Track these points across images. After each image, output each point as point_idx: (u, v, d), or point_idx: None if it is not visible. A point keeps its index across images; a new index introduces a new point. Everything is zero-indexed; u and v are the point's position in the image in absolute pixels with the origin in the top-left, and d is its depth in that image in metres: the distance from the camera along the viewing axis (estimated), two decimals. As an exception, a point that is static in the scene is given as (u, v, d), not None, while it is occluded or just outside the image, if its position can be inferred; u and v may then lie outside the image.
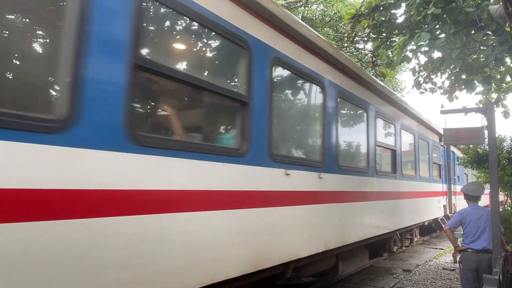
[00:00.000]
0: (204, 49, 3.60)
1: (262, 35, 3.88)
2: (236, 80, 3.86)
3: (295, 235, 4.17)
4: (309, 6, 17.20)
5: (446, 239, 11.29)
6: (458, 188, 14.58)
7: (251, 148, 3.55)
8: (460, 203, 14.03)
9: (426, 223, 10.86)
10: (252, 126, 3.60)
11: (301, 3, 15.18)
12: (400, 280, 7.57)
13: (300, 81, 4.81)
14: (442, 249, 11.66)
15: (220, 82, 3.64)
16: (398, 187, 7.80)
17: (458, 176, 15.84)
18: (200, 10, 3.10)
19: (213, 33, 3.35)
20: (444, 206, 12.50)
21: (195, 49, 3.51)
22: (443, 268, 8.81)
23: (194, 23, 3.18)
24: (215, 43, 3.64)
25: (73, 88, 2.19)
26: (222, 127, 3.96)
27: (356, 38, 8.75)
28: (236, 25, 3.49)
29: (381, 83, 7.52)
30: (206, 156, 3.05)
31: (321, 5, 17.59)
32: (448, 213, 12.79)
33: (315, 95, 5.09)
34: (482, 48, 6.21)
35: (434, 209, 11.12)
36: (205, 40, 3.54)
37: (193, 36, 3.41)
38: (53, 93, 2.39)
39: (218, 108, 3.77)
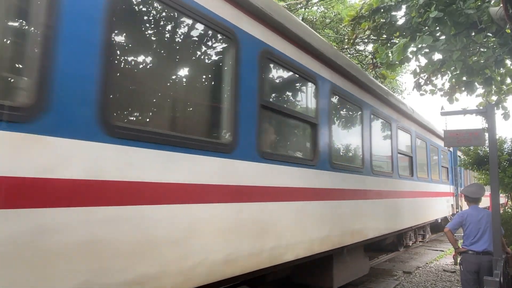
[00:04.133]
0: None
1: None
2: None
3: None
4: (310, 7, 17.22)
5: (447, 241, 11.27)
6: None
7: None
8: (463, 205, 14.68)
9: (439, 220, 12.05)
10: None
11: (301, 5, 15.20)
12: (400, 282, 7.56)
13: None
14: (443, 251, 11.64)
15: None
16: (415, 188, 8.96)
17: (462, 179, 16.84)
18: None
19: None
20: (452, 205, 13.73)
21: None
22: (444, 270, 8.79)
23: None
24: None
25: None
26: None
27: (357, 40, 8.76)
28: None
29: (401, 99, 9.05)
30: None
31: (322, 6, 17.61)
32: (456, 211, 13.82)
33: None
34: (482, 50, 6.21)
35: (443, 208, 12.22)
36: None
37: None
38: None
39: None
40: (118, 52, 2.68)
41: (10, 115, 1.96)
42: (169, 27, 3.21)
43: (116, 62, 2.65)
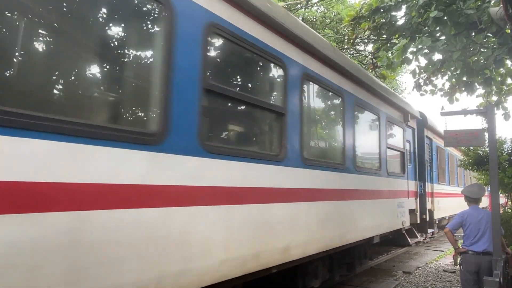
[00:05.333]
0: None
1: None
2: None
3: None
4: (310, 8, 17.22)
5: (447, 241, 11.26)
6: (441, 188, 12.47)
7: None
8: (442, 207, 12.18)
9: (374, 240, 6.97)
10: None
11: (301, 5, 15.20)
12: (400, 282, 7.56)
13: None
14: (443, 251, 11.64)
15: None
16: (325, 183, 5.10)
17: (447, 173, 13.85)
18: None
19: None
20: (413, 211, 8.94)
21: None
22: (444, 270, 8.79)
23: None
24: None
25: None
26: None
27: (357, 40, 8.76)
28: None
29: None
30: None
31: (322, 7, 17.62)
32: (423, 218, 9.79)
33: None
34: (482, 50, 6.22)
35: (389, 217, 7.34)
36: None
37: None
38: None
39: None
40: None
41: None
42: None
43: None
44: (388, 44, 7.40)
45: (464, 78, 6.78)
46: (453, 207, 13.78)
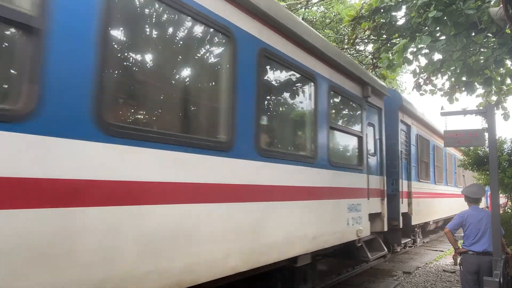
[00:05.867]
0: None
1: None
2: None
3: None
4: (310, 8, 17.23)
5: (447, 241, 11.27)
6: (423, 187, 9.96)
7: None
8: (424, 210, 9.84)
9: (306, 259, 4.68)
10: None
11: (301, 5, 15.20)
12: (400, 282, 7.56)
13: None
14: (443, 251, 11.64)
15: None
16: (225, 176, 3.45)
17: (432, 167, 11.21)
18: None
19: None
20: (377, 216, 6.67)
21: None
22: (444, 270, 8.80)
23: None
24: None
25: None
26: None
27: (357, 40, 8.77)
28: None
29: None
30: None
31: (322, 7, 17.62)
32: (395, 226, 7.63)
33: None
34: (482, 50, 6.23)
35: (332, 225, 5.10)
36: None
37: None
38: None
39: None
40: None
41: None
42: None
43: None
44: (388, 44, 7.41)
45: (464, 78, 6.79)
46: (441, 210, 12.15)
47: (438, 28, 5.67)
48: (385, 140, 7.22)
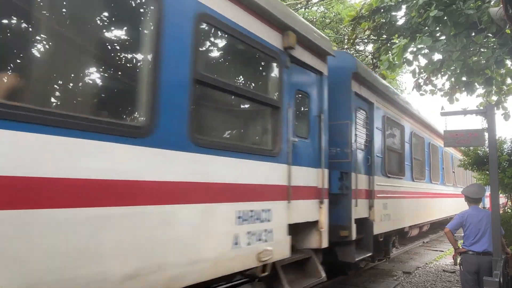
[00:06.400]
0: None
1: None
2: None
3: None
4: (310, 8, 17.23)
5: (447, 241, 11.25)
6: (394, 184, 7.74)
7: None
8: (394, 213, 7.62)
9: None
10: None
11: (301, 5, 15.20)
12: (400, 282, 7.56)
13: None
14: (442, 251, 11.64)
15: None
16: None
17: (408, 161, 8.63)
18: None
19: None
20: (313, 226, 4.75)
21: None
22: (443, 270, 8.79)
23: None
24: None
25: None
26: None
27: (357, 40, 8.77)
28: None
29: None
30: None
31: (322, 7, 17.62)
32: (339, 239, 5.63)
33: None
34: (482, 50, 6.23)
35: (204, 247, 3.13)
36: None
37: None
38: None
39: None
40: None
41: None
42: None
43: None
44: (388, 44, 7.41)
45: (464, 78, 6.79)
46: (425, 212, 10.02)
47: (438, 28, 5.67)
48: (328, 119, 5.19)
